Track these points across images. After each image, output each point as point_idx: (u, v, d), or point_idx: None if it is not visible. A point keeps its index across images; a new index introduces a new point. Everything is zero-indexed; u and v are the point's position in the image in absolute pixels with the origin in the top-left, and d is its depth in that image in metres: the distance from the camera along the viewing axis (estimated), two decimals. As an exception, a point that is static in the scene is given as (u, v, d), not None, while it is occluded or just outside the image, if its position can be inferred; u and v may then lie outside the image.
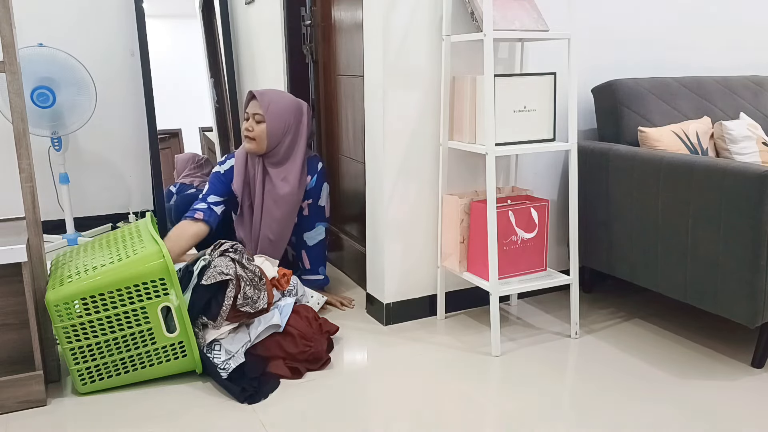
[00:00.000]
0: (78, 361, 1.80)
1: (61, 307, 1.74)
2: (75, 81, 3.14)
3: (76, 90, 3.14)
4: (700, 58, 2.77)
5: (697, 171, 1.97)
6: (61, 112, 3.15)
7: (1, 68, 1.73)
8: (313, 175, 2.47)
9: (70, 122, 3.19)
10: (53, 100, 3.08)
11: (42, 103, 3.06)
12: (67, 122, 3.18)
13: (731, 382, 1.89)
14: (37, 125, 3.11)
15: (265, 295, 1.97)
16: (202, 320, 1.92)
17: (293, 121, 2.42)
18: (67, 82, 3.12)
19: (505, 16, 2.04)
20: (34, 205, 1.81)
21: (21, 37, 3.26)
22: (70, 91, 3.13)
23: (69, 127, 3.19)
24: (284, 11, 2.97)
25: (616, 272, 2.31)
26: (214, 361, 1.88)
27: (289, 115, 2.41)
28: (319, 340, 2.01)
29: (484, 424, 1.69)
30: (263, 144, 2.38)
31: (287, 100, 2.43)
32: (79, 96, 3.16)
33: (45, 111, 3.09)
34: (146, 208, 3.68)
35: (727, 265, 1.92)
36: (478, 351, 2.10)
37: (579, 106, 2.51)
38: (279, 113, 2.38)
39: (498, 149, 1.99)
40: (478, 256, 2.14)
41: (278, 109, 2.38)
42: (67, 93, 3.13)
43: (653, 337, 2.19)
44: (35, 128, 3.11)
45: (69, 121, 3.18)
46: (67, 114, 3.16)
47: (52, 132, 3.16)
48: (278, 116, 2.37)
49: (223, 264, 1.93)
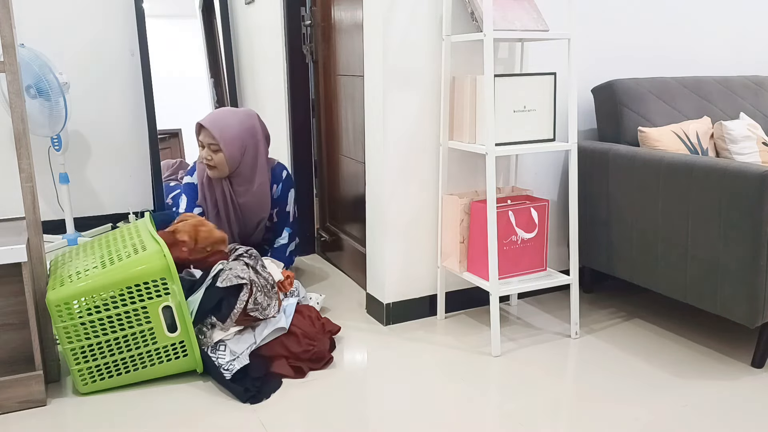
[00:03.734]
0: (79, 361, 1.80)
1: (62, 306, 1.74)
2: (38, 82, 2.97)
3: (39, 95, 2.97)
4: (700, 58, 2.77)
5: (697, 171, 1.97)
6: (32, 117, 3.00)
7: (1, 68, 1.74)
8: (278, 183, 2.47)
9: (37, 127, 3.04)
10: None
11: None
12: (36, 126, 3.04)
13: (731, 382, 1.89)
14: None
15: (275, 303, 1.98)
16: (211, 320, 1.92)
17: (250, 140, 2.37)
18: (33, 83, 2.96)
19: (505, 16, 2.04)
20: (34, 205, 1.81)
21: (21, 37, 3.26)
22: (35, 96, 2.97)
23: (37, 132, 3.06)
24: (284, 11, 2.97)
25: (616, 272, 2.31)
26: (219, 362, 1.88)
27: (244, 135, 2.35)
28: (322, 339, 2.01)
29: (484, 424, 1.69)
30: (225, 170, 2.35)
31: (238, 120, 2.35)
32: (41, 101, 2.99)
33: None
34: (146, 208, 3.68)
35: (727, 265, 1.92)
36: (478, 351, 2.10)
37: (579, 106, 2.51)
38: (233, 138, 2.32)
39: (498, 149, 2.00)
40: (478, 256, 2.14)
41: (232, 135, 2.32)
42: (32, 97, 2.97)
43: (653, 337, 2.19)
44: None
45: (36, 125, 3.03)
46: (38, 118, 3.01)
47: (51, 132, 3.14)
48: (233, 141, 2.32)
49: (239, 268, 1.94)
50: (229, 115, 2.37)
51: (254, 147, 2.38)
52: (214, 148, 2.32)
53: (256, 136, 2.39)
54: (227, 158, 2.32)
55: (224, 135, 2.31)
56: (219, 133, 2.30)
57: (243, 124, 2.36)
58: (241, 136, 2.34)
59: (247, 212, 2.45)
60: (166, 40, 3.62)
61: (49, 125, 3.06)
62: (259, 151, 2.40)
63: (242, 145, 2.34)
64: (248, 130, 2.37)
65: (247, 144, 2.35)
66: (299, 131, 3.09)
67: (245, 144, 2.35)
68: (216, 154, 2.32)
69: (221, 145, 2.30)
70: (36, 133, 3.09)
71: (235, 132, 2.33)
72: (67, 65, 3.40)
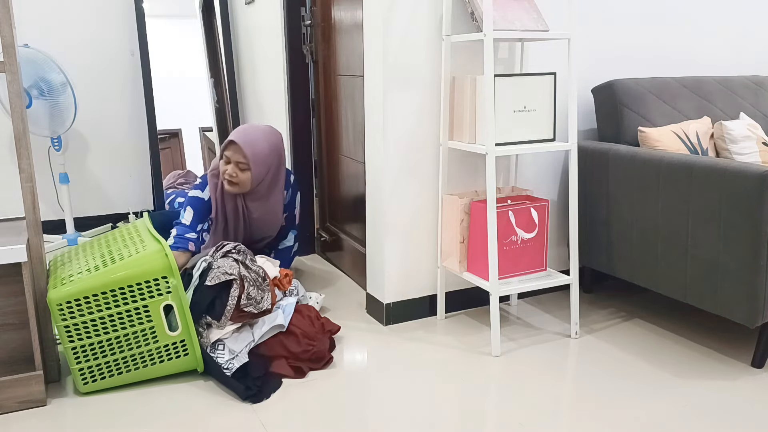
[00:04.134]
0: (80, 360, 1.80)
1: (63, 305, 1.74)
2: (47, 82, 3.01)
3: (48, 93, 3.01)
4: (700, 58, 2.77)
5: (697, 171, 1.97)
6: (38, 117, 3.03)
7: (1, 68, 1.74)
8: (288, 189, 2.48)
9: (43, 127, 3.07)
10: (29, 102, 2.97)
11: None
12: (42, 126, 3.07)
13: (731, 382, 1.89)
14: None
15: (268, 295, 1.98)
16: (206, 320, 1.92)
17: (275, 161, 2.33)
18: (41, 83, 2.99)
19: (505, 16, 2.04)
20: (34, 205, 1.81)
21: (21, 37, 3.26)
22: (43, 95, 3.00)
23: (43, 131, 3.09)
24: (284, 11, 2.97)
25: (616, 272, 2.31)
26: (218, 361, 1.88)
27: (271, 156, 2.31)
28: (322, 339, 2.01)
29: (484, 424, 1.69)
30: (246, 187, 2.29)
31: (267, 141, 2.32)
32: (51, 100, 3.02)
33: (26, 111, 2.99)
34: (146, 208, 3.68)
35: (727, 265, 1.92)
36: (478, 351, 2.10)
37: (579, 106, 2.52)
38: (263, 159, 2.28)
39: (498, 149, 2.00)
40: (478, 256, 2.14)
41: (263, 156, 2.28)
42: (41, 96, 3.00)
43: (653, 337, 2.19)
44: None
45: (43, 125, 3.06)
46: (42, 118, 3.05)
47: (51, 132, 3.15)
48: (263, 162, 2.28)
49: (227, 264, 1.94)
50: (259, 135, 2.32)
51: (277, 167, 2.35)
52: (243, 167, 2.25)
53: (280, 158, 2.36)
54: (253, 178, 2.27)
55: (255, 156, 2.25)
56: (251, 152, 2.24)
57: (272, 145, 2.32)
58: (268, 157, 2.31)
59: (256, 228, 2.42)
60: (166, 40, 3.61)
61: (59, 123, 3.10)
62: (280, 171, 2.38)
63: (268, 166, 2.31)
64: (275, 151, 2.34)
65: (271, 165, 2.32)
66: (299, 131, 3.09)
67: (270, 165, 2.32)
68: (243, 173, 2.26)
69: (250, 165, 2.24)
70: (39, 134, 3.11)
71: (265, 153, 2.29)
72: (67, 65, 3.40)
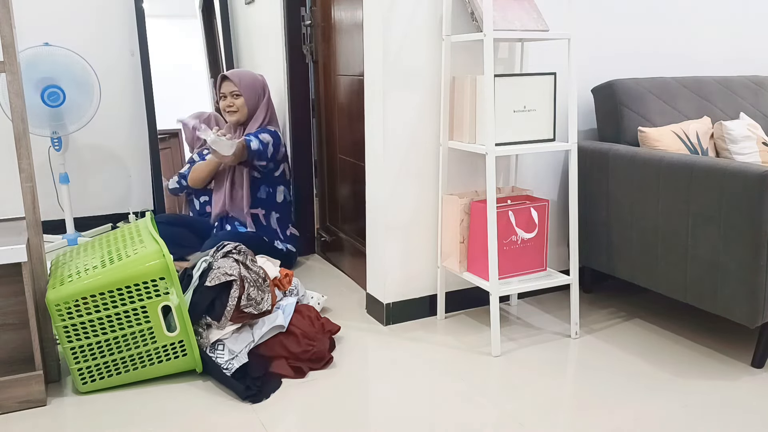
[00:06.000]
0: (78, 360, 1.80)
1: (61, 306, 1.74)
2: (76, 80, 3.12)
3: (76, 90, 3.13)
4: (700, 58, 2.77)
5: (697, 171, 1.97)
6: (64, 113, 3.15)
7: (1, 68, 1.73)
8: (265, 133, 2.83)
9: (69, 122, 3.17)
10: (63, 99, 3.10)
11: (53, 102, 3.09)
12: (66, 122, 3.17)
13: (731, 382, 1.89)
14: (39, 125, 3.11)
15: (269, 297, 1.97)
16: (206, 320, 1.92)
17: (261, 92, 2.86)
18: (69, 81, 3.11)
19: (505, 16, 2.04)
20: (34, 205, 1.81)
21: (21, 36, 3.26)
22: (71, 92, 3.12)
23: (68, 127, 3.18)
24: (284, 11, 2.97)
25: (616, 272, 2.31)
26: (218, 361, 1.88)
27: (258, 85, 2.86)
28: (322, 339, 2.01)
29: (484, 424, 1.69)
30: (244, 113, 2.82)
31: (252, 74, 2.89)
32: (79, 96, 3.15)
33: (52, 110, 3.10)
34: (146, 208, 3.68)
35: (727, 265, 1.92)
36: (478, 351, 2.10)
37: (579, 106, 2.51)
38: (251, 84, 2.83)
39: (498, 149, 2.00)
40: (478, 256, 2.14)
41: (250, 81, 2.83)
42: (69, 93, 3.12)
43: (653, 337, 2.19)
44: (36, 128, 3.11)
45: (68, 121, 3.17)
46: (66, 114, 3.16)
47: (52, 132, 3.16)
48: (251, 87, 2.83)
49: (227, 265, 1.94)
50: (244, 70, 2.92)
51: (266, 103, 2.86)
52: (236, 94, 2.80)
53: (266, 90, 2.88)
54: (247, 102, 2.80)
55: (244, 81, 2.81)
56: (239, 80, 2.79)
57: (256, 76, 2.88)
58: (255, 83, 2.85)
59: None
60: (166, 40, 3.62)
61: (85, 116, 3.24)
62: (269, 103, 2.88)
63: (257, 93, 2.84)
64: (260, 81, 2.87)
65: (259, 94, 2.85)
66: (299, 131, 3.09)
67: (258, 93, 2.85)
68: (237, 99, 2.80)
69: (241, 90, 2.78)
70: (68, 129, 3.23)
71: (252, 79, 2.84)
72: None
